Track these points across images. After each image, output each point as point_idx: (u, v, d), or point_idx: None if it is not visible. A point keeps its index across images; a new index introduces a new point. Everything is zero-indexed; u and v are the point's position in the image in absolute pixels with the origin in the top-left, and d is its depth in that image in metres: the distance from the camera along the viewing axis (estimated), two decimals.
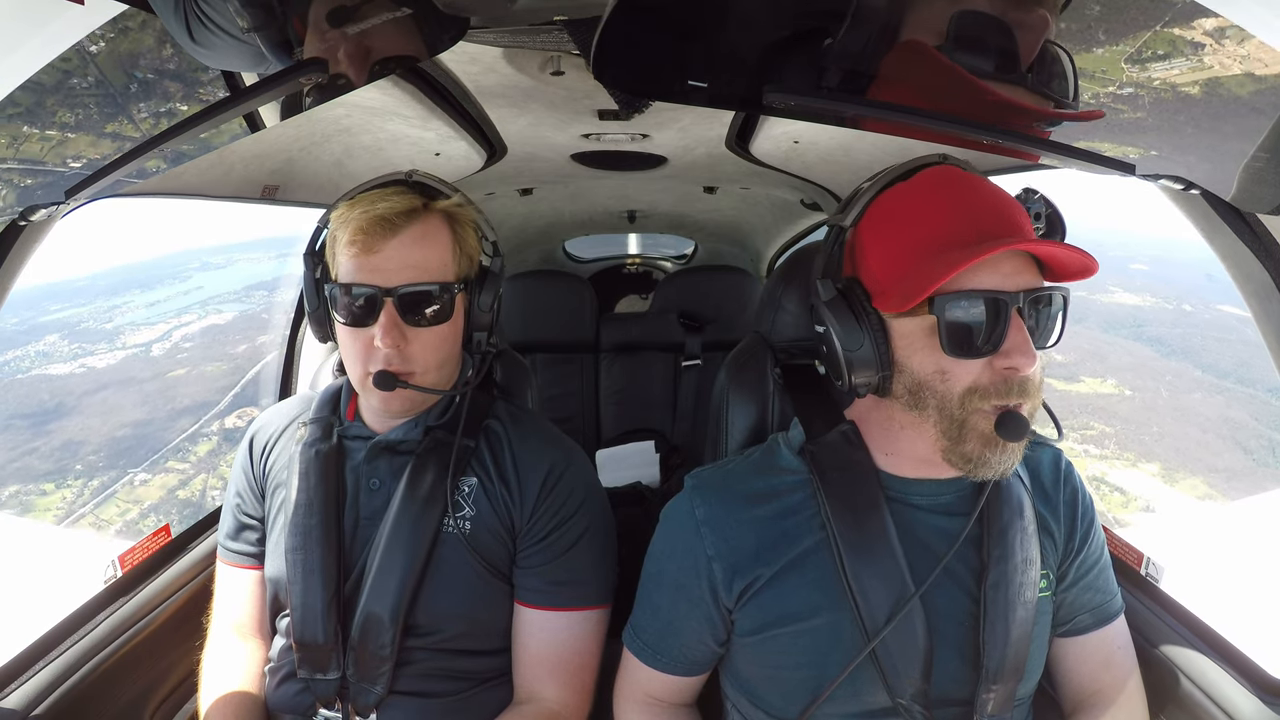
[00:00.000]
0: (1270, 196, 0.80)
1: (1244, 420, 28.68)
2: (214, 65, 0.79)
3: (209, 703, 1.03)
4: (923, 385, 0.77)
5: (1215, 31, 0.64)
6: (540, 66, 1.27)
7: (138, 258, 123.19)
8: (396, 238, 0.94)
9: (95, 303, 47.71)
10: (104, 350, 37.80)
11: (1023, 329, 0.73)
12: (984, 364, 0.74)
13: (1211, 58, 0.66)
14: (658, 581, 0.93)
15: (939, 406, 0.77)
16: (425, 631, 0.99)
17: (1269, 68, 0.65)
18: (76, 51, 0.70)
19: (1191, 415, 29.11)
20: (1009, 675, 0.83)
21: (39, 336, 39.40)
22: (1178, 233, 0.97)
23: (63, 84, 0.74)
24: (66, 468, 27.24)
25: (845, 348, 0.79)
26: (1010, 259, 0.74)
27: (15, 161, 0.83)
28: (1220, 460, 25.65)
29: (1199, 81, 0.69)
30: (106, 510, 22.55)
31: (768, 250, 3.02)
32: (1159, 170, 0.83)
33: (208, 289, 48.45)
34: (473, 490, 1.01)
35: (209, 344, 37.31)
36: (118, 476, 24.56)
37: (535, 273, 3.00)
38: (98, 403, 33.21)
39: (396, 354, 0.94)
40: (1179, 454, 25.38)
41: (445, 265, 0.97)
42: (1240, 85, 0.68)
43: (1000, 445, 0.75)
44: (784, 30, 0.78)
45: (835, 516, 0.84)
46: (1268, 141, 0.73)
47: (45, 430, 30.55)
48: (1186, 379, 30.78)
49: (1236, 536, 2.35)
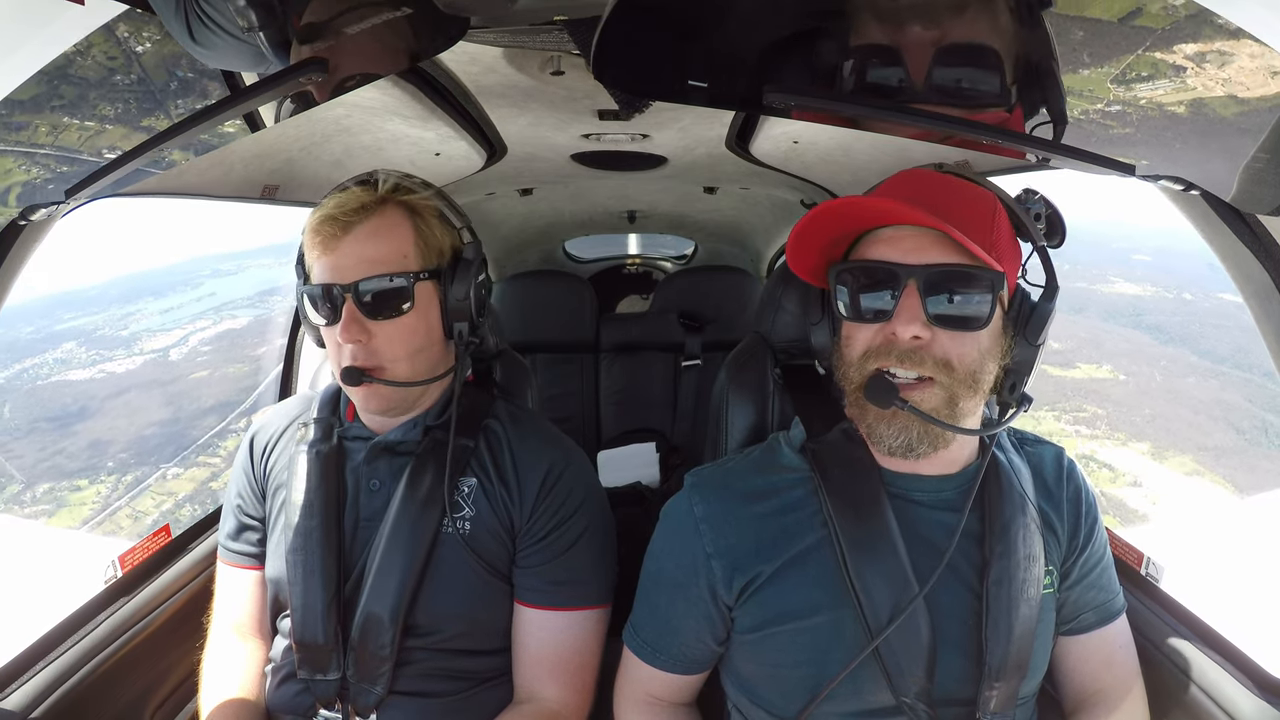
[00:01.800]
0: (1270, 197, 0.80)
1: (1237, 402, 29.53)
2: (214, 65, 0.79)
3: (209, 703, 1.03)
4: (839, 353, 0.84)
5: (1215, 32, 0.64)
6: (540, 66, 1.27)
7: (149, 265, 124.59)
8: (351, 234, 0.94)
9: (109, 310, 49.18)
10: (122, 356, 39.70)
11: (915, 298, 0.76)
12: (876, 331, 0.79)
13: (1211, 58, 0.66)
14: (657, 580, 0.93)
15: (844, 374, 0.83)
16: (425, 632, 0.99)
17: (1269, 68, 0.65)
18: (77, 51, 0.70)
19: (1184, 398, 30.02)
20: (1012, 673, 0.83)
21: (56, 344, 40.83)
22: (1182, 224, 0.97)
23: (63, 84, 0.74)
24: (99, 465, 28.77)
25: (811, 328, 0.89)
26: (916, 237, 0.78)
27: (15, 161, 0.83)
28: (1210, 440, 26.55)
29: (1199, 81, 0.69)
30: (142, 502, 24.09)
31: (768, 250, 3.02)
32: (1159, 171, 0.83)
33: (220, 295, 49.84)
34: (472, 490, 1.01)
35: (228, 347, 38.92)
36: (150, 472, 26.00)
37: (535, 273, 2.99)
38: (121, 405, 34.79)
39: (361, 349, 0.95)
40: (1169, 434, 26.16)
41: (405, 256, 0.96)
42: (1240, 85, 0.68)
43: (890, 417, 0.79)
44: (784, 30, 0.78)
45: (837, 513, 0.84)
46: (1268, 142, 0.73)
47: (71, 431, 31.88)
48: (1182, 364, 31.75)
49: (1217, 502, 2.51)
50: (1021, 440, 0.96)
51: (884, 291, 0.78)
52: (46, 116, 0.77)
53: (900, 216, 0.78)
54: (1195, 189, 0.87)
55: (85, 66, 0.74)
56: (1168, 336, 33.44)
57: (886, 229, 0.80)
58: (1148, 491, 20.27)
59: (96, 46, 0.72)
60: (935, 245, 0.77)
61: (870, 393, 0.77)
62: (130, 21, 0.71)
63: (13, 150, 0.81)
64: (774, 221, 2.81)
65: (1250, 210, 0.89)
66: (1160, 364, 31.17)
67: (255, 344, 34.66)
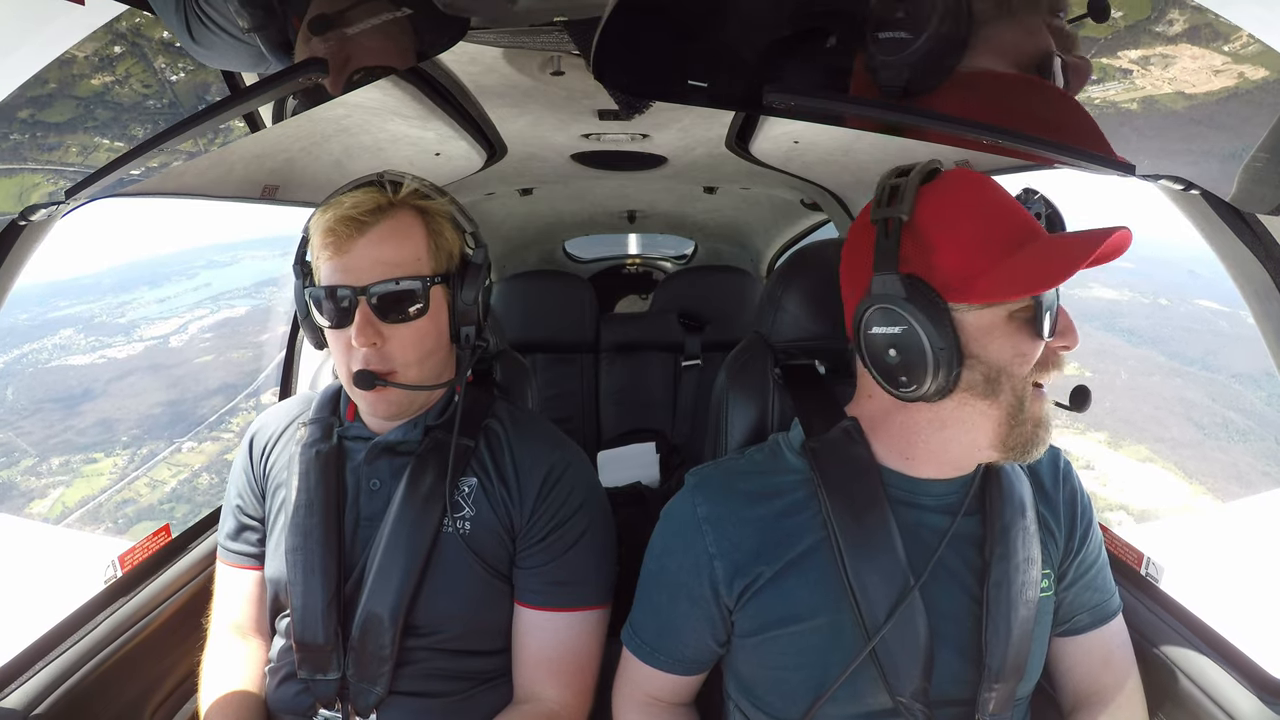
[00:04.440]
0: (1270, 196, 0.80)
1: (1200, 400, 31.30)
2: (214, 65, 0.79)
3: (209, 703, 1.03)
4: (1001, 371, 0.77)
5: (1215, 32, 0.64)
6: (540, 66, 1.27)
7: (143, 255, 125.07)
8: (365, 236, 0.93)
9: (105, 299, 50.14)
10: (122, 342, 41.07)
11: (1066, 310, 0.79)
12: (1043, 345, 0.79)
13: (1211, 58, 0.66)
14: (658, 580, 0.93)
15: (1013, 388, 0.78)
16: (425, 632, 0.99)
17: (1269, 68, 0.65)
18: (77, 51, 0.70)
19: (1147, 394, 31.58)
20: (1010, 674, 0.83)
21: (53, 331, 41.90)
22: (1165, 233, 0.98)
23: (63, 83, 0.74)
24: (113, 439, 30.53)
25: (935, 346, 0.75)
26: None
27: (16, 161, 0.83)
28: (1168, 432, 28.12)
29: (1199, 82, 0.69)
30: (159, 472, 25.94)
31: (768, 250, 3.03)
32: (1159, 170, 0.83)
33: (216, 285, 50.72)
34: (473, 491, 1.01)
35: (230, 334, 40.31)
36: (164, 446, 27.71)
37: (535, 273, 2.99)
38: (125, 387, 36.55)
39: (374, 353, 0.94)
40: (1128, 425, 27.31)
41: (419, 259, 0.96)
42: (1240, 85, 0.68)
43: (1048, 425, 0.80)
44: (784, 30, 0.78)
45: (836, 514, 0.83)
46: (1268, 141, 0.73)
47: (78, 411, 33.36)
48: (1149, 364, 33.29)
49: (1165, 485, 2.86)
50: None
51: (1056, 307, 0.79)
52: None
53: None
54: (1195, 189, 0.87)
55: (85, 66, 0.74)
56: (1139, 339, 34.70)
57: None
58: (1099, 474, 21.56)
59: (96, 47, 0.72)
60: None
61: (1080, 403, 0.81)
62: (130, 22, 0.71)
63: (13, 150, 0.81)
64: (774, 221, 2.81)
65: (1250, 210, 0.89)
66: (1128, 363, 32.53)
67: (257, 331, 36.27)
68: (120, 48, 0.74)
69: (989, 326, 0.77)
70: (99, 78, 0.76)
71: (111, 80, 0.77)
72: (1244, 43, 0.63)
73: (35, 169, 0.84)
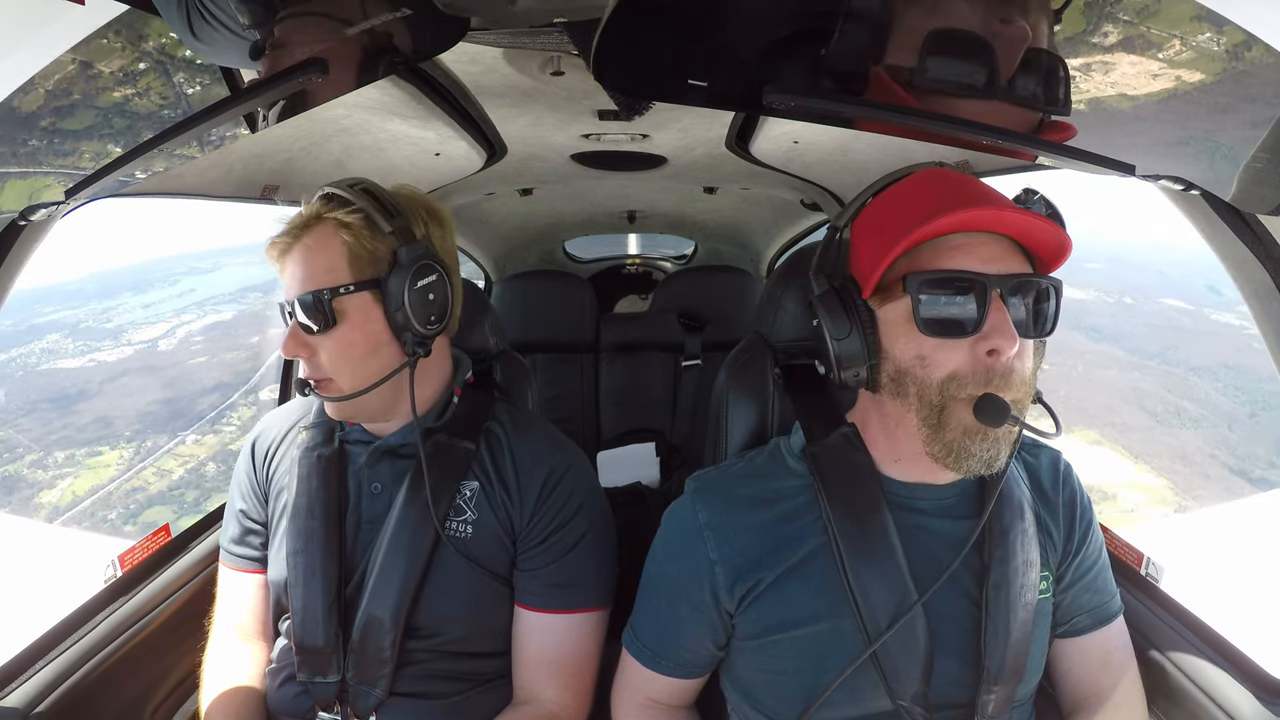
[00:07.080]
0: (1270, 197, 0.80)
1: (1154, 390, 33.83)
2: (214, 60, 0.79)
3: (210, 702, 1.03)
4: (904, 372, 0.77)
5: (1215, 32, 0.64)
6: (540, 67, 1.27)
7: (125, 262, 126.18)
8: (292, 252, 0.97)
9: (89, 305, 51.04)
10: (110, 347, 41.96)
11: (1004, 312, 0.73)
12: (966, 350, 0.74)
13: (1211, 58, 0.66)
14: (659, 584, 0.93)
15: (919, 394, 0.76)
16: (426, 634, 0.99)
17: (1269, 68, 0.65)
18: (77, 51, 0.70)
19: (1101, 385, 33.79)
20: (1009, 677, 0.83)
21: (40, 336, 42.23)
22: (1136, 235, 0.99)
23: (63, 84, 0.74)
24: (116, 434, 32.02)
25: (834, 337, 0.79)
26: (989, 245, 0.75)
27: (15, 161, 0.83)
28: (1118, 419, 30.45)
29: (1199, 81, 0.69)
30: (165, 463, 27.62)
31: (768, 250, 3.02)
32: (1159, 170, 0.83)
33: (200, 291, 51.74)
34: (473, 494, 1.01)
35: (220, 337, 41.73)
36: (167, 439, 29.50)
37: (535, 273, 2.99)
38: (119, 388, 37.79)
39: (308, 363, 0.98)
40: (1080, 413, 29.33)
41: (333, 270, 0.95)
42: (1240, 85, 0.68)
43: (982, 434, 0.74)
44: (784, 30, 0.78)
45: (837, 520, 0.83)
46: (1268, 141, 0.73)
47: (74, 410, 34.71)
48: (1107, 358, 35.42)
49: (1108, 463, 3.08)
50: (1020, 445, 0.96)
51: (973, 305, 0.73)
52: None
53: (1001, 223, 0.74)
54: (1195, 189, 0.87)
55: (86, 66, 0.74)
56: (1100, 335, 36.27)
57: (959, 236, 0.76)
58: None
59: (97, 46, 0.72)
60: (1007, 254, 0.76)
61: (986, 416, 0.73)
62: (131, 22, 0.71)
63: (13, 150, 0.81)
64: (774, 222, 2.81)
65: (1250, 210, 0.89)
66: (1085, 358, 34.18)
67: (248, 334, 37.82)
68: (120, 48, 0.74)
69: (893, 322, 0.78)
70: (99, 77, 0.76)
71: (112, 80, 0.77)
72: (1244, 42, 0.63)
73: (35, 169, 0.84)
